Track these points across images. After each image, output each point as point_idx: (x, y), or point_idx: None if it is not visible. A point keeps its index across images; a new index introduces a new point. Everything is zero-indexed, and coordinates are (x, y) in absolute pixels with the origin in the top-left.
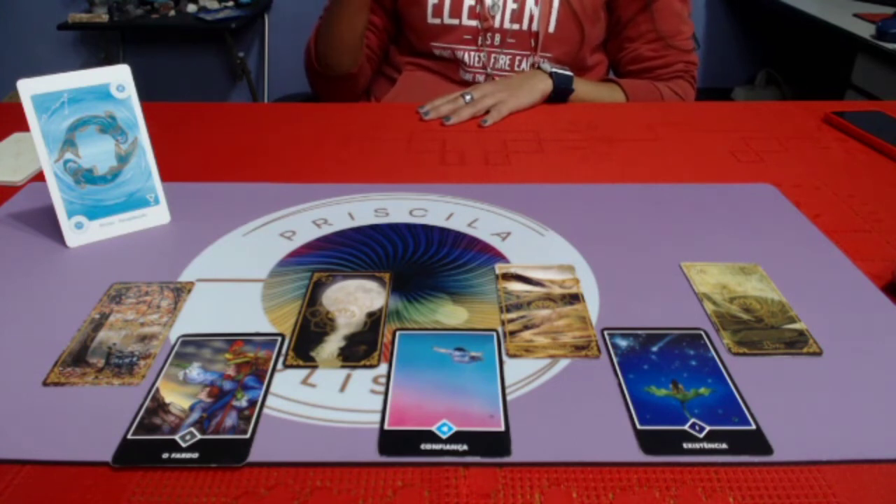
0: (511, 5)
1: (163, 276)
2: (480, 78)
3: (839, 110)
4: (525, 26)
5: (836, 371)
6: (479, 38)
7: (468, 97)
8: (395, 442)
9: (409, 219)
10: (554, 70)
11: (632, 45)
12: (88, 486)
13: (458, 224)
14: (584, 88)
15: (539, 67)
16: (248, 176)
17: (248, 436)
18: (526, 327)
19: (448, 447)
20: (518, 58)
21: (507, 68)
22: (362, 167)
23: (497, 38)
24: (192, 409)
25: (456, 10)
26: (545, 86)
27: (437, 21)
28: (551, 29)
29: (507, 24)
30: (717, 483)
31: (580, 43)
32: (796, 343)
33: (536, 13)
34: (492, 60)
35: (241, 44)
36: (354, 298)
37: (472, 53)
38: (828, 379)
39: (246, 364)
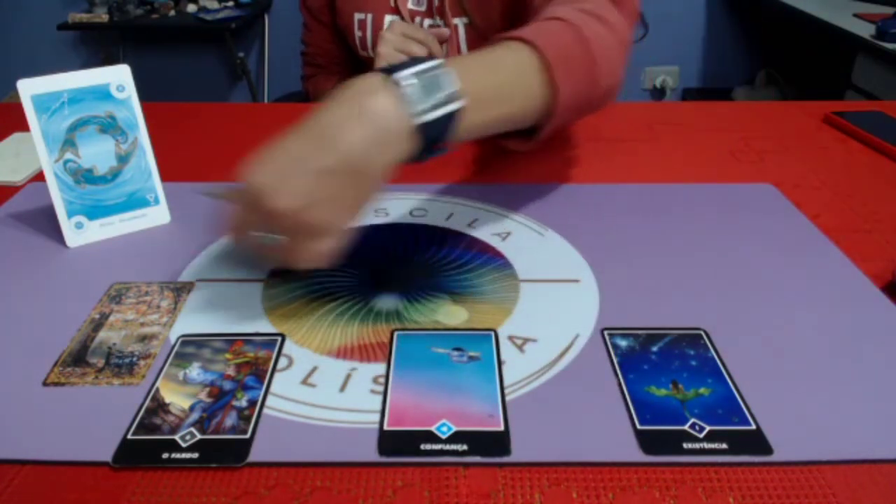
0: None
1: (163, 276)
2: None
3: (839, 110)
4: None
5: (836, 371)
6: None
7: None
8: (394, 442)
9: (409, 219)
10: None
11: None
12: (88, 486)
13: (458, 224)
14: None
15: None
16: None
17: (248, 436)
18: None
19: (448, 447)
20: None
21: None
22: None
23: None
24: (192, 409)
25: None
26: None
27: (365, 54)
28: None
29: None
30: (717, 483)
31: None
32: None
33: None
34: None
35: (241, 44)
36: None
37: None
38: (828, 379)
39: (246, 364)
